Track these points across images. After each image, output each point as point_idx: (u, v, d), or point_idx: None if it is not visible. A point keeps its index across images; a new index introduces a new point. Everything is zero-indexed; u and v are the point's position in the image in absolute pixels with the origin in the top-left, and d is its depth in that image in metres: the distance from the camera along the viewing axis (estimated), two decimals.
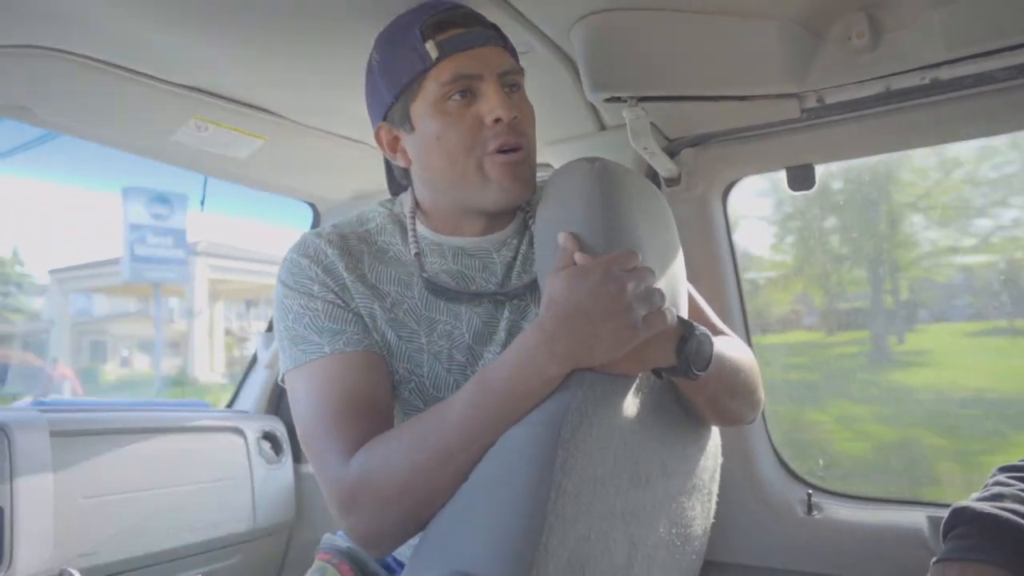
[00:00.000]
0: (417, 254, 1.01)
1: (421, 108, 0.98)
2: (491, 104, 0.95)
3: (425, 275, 1.00)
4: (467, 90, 0.96)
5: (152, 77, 1.29)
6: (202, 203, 2.33)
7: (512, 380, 0.80)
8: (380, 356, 0.97)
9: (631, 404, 0.86)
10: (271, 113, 1.48)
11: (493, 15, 1.11)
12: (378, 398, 0.93)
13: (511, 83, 1.00)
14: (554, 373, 0.79)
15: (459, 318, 1.00)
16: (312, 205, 2.13)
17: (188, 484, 1.77)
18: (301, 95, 1.41)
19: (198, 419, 1.90)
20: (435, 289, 1.00)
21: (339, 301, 0.97)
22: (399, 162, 1.06)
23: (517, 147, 0.97)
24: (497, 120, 0.95)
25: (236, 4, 1.06)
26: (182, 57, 1.23)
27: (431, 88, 0.96)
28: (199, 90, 1.35)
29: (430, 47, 0.95)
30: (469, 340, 1.00)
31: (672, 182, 1.58)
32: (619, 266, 0.79)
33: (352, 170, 1.83)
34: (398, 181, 1.15)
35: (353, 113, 1.48)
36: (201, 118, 1.41)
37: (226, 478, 1.87)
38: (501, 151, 0.96)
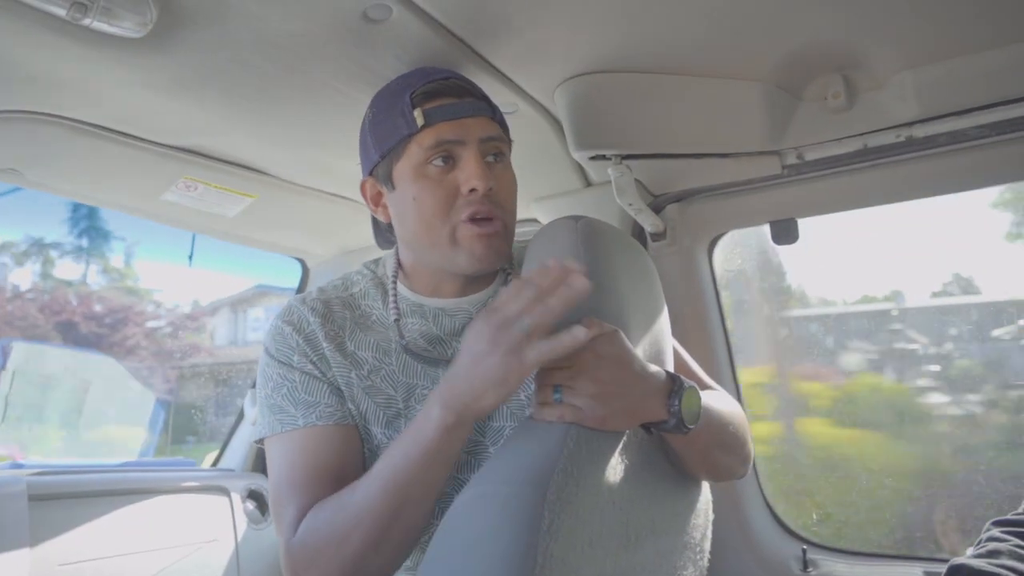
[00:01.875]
0: (397, 320, 1.03)
1: (403, 170, 1.01)
2: (468, 173, 0.97)
3: (403, 342, 1.02)
4: (449, 156, 0.99)
5: (142, 139, 1.30)
6: (190, 259, 2.34)
7: (413, 431, 0.85)
8: (351, 428, 1.00)
9: (620, 462, 0.86)
10: (260, 172, 1.49)
11: (479, 77, 1.14)
12: (345, 470, 0.96)
13: (494, 151, 1.02)
14: (446, 421, 0.82)
15: (436, 382, 1.01)
16: (301, 261, 2.13)
17: (170, 547, 1.72)
18: (290, 154, 1.43)
19: (182, 479, 1.86)
20: (413, 355, 1.02)
21: (316, 372, 1.00)
22: (380, 217, 1.09)
23: (490, 217, 0.99)
24: (473, 190, 0.97)
25: (228, 72, 1.08)
26: (172, 120, 1.25)
27: (414, 152, 0.99)
28: (189, 151, 1.37)
29: (417, 115, 0.98)
30: None
31: (658, 237, 1.59)
32: (502, 304, 0.79)
33: (340, 227, 1.85)
34: (384, 235, 1.17)
35: (341, 171, 1.50)
36: (191, 178, 1.42)
37: (210, 540, 1.82)
38: (474, 220, 0.98)
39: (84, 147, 1.27)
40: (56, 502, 1.55)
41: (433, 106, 0.99)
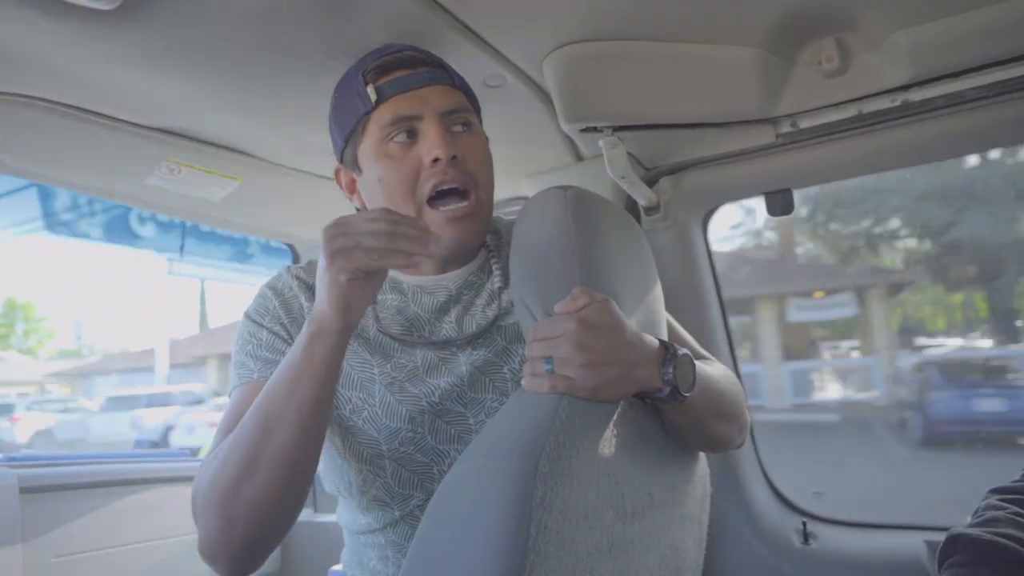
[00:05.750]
0: (373, 303, 1.02)
1: (366, 151, 1.00)
2: (429, 143, 0.96)
3: (378, 326, 1.02)
4: (411, 131, 0.97)
5: (123, 121, 1.27)
6: (181, 249, 2.30)
7: (288, 353, 0.87)
8: None
9: (614, 433, 0.84)
10: (245, 154, 1.46)
11: (464, 49, 1.11)
12: None
13: (461, 121, 1.00)
14: (309, 330, 0.84)
15: (414, 356, 1.01)
16: (291, 246, 2.11)
17: (165, 537, 1.71)
18: (274, 134, 1.40)
19: (177, 469, 1.85)
20: (389, 338, 1.02)
21: (283, 333, 1.00)
22: (356, 204, 1.08)
23: (457, 187, 0.96)
24: (436, 160, 0.95)
25: (206, 46, 1.05)
26: (153, 100, 1.22)
27: (373, 131, 0.98)
28: (171, 132, 1.34)
29: (370, 91, 0.97)
30: (423, 373, 1.00)
31: (651, 211, 1.57)
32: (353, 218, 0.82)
33: (329, 208, 1.79)
34: None
35: (327, 150, 1.46)
36: (174, 161, 1.39)
37: None
38: (440, 197, 0.96)
39: (64, 130, 1.24)
40: (49, 494, 1.54)
41: (386, 80, 0.98)
